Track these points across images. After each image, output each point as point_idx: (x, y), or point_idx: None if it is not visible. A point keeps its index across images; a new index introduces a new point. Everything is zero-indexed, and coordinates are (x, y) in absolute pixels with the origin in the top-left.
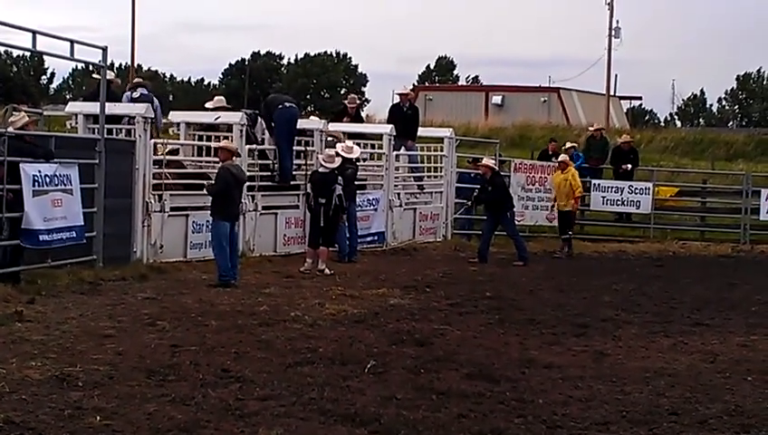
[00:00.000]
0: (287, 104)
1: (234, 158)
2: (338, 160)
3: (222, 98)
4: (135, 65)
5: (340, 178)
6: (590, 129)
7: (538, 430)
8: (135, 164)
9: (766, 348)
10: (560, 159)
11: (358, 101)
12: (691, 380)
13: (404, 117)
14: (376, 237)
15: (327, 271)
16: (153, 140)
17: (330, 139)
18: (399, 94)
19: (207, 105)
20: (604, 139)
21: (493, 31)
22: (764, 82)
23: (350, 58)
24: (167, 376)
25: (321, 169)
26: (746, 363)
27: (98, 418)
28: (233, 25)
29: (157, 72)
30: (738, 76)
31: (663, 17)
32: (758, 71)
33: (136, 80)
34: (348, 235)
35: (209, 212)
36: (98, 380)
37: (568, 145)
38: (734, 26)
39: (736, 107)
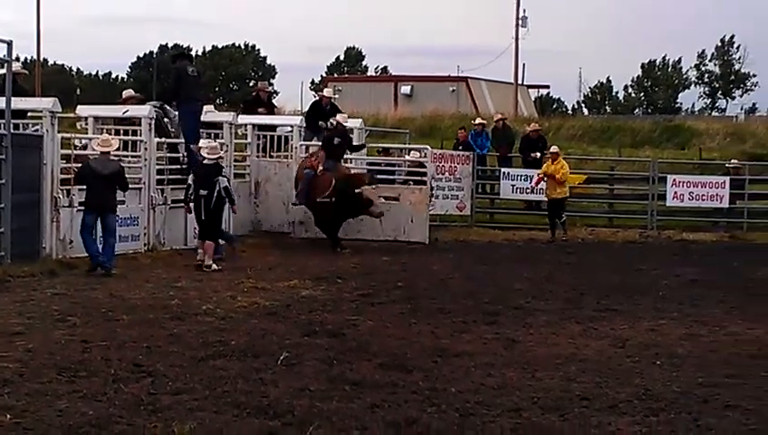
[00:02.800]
0: (194, 101)
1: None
2: (222, 152)
3: (131, 90)
4: (41, 59)
5: (224, 169)
6: (494, 121)
7: (451, 418)
8: (43, 159)
9: (674, 332)
10: (552, 150)
11: (269, 88)
12: (601, 365)
13: (324, 112)
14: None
15: (214, 266)
16: (61, 135)
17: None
18: (321, 96)
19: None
20: (507, 127)
21: (401, 21)
22: (669, 70)
23: (258, 50)
24: (78, 372)
25: (205, 161)
26: (655, 348)
27: (8, 416)
28: (140, 18)
29: (63, 65)
30: (643, 64)
31: (569, 6)
32: (663, 58)
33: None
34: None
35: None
36: (7, 377)
37: (477, 121)
38: (640, 14)
39: (642, 94)
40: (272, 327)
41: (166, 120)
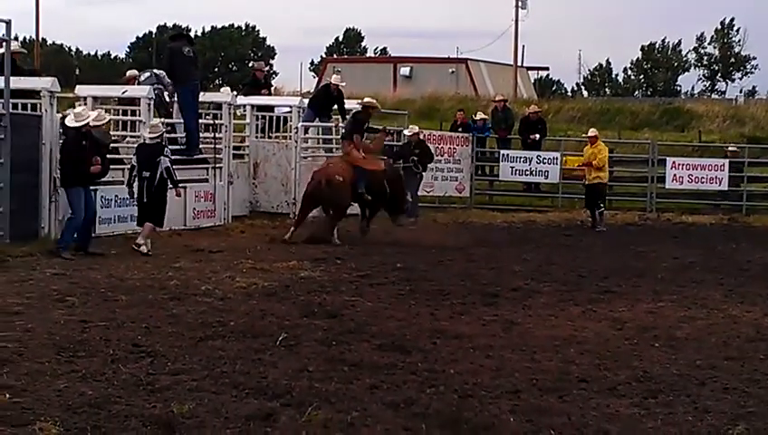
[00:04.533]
0: (190, 81)
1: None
2: (159, 130)
3: (135, 70)
4: (40, 39)
5: (167, 150)
6: (493, 102)
7: (450, 399)
8: (41, 139)
9: (672, 314)
10: (590, 133)
11: (266, 67)
12: (600, 347)
13: (330, 97)
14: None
15: (144, 248)
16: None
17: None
18: (331, 84)
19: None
20: (507, 109)
21: (401, 2)
22: (668, 52)
23: (257, 31)
24: (77, 352)
25: (147, 141)
26: (653, 330)
27: (7, 395)
28: None
29: (62, 45)
30: (643, 46)
31: None
32: (662, 41)
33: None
34: None
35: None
36: (6, 357)
37: (478, 116)
38: None
39: (641, 77)
40: (271, 308)
41: (165, 93)
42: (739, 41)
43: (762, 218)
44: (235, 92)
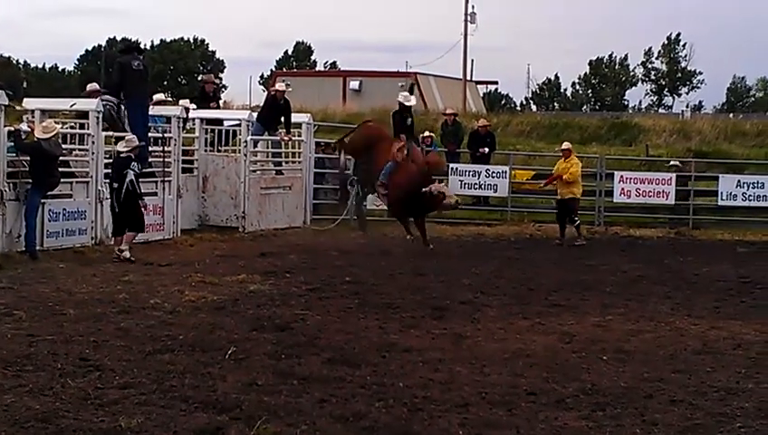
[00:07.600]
0: (140, 96)
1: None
2: (133, 144)
3: (95, 84)
4: None
5: (134, 163)
6: (443, 115)
7: (399, 413)
8: None
9: (620, 328)
10: (563, 146)
11: (215, 80)
12: (548, 360)
13: (278, 107)
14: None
15: (126, 254)
16: (7, 128)
17: None
18: (276, 91)
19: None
20: (457, 123)
21: (350, 16)
22: (616, 67)
23: (207, 44)
24: (24, 366)
25: (122, 155)
26: (601, 343)
27: None
28: (87, 10)
29: (9, 58)
30: (591, 61)
31: (517, 2)
32: (610, 56)
33: None
34: None
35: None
36: None
37: (426, 134)
38: (588, 11)
39: (589, 91)
40: (220, 321)
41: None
42: (685, 56)
43: (708, 232)
44: (193, 106)
